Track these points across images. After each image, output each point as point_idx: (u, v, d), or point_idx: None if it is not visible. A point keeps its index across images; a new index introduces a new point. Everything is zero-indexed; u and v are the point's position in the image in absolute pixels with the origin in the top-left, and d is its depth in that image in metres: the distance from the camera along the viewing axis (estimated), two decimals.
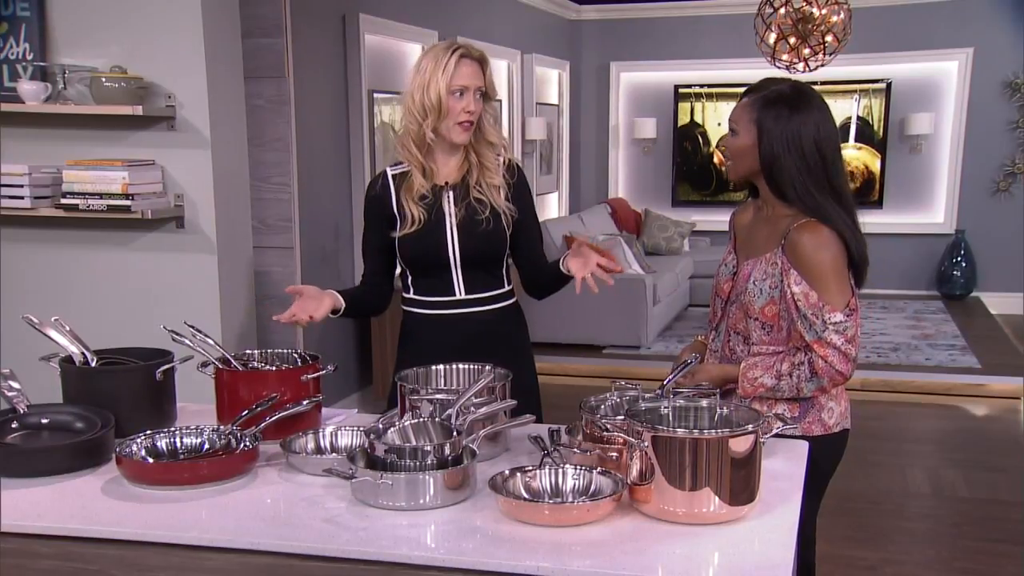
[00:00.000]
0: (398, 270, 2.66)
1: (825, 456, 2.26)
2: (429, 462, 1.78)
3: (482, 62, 2.51)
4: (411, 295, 2.62)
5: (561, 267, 2.48)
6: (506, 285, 2.63)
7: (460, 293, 2.56)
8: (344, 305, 2.48)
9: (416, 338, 2.61)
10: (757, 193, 2.33)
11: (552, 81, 8.97)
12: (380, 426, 1.91)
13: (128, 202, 3.36)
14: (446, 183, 2.55)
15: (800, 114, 2.16)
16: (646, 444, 1.69)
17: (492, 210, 2.53)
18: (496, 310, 2.60)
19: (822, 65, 6.58)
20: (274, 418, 2.08)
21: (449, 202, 2.54)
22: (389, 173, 2.60)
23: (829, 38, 6.41)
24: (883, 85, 8.81)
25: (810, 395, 2.22)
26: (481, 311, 2.58)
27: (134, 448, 1.96)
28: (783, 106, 2.17)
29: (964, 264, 8.68)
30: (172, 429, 2.06)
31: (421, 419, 1.95)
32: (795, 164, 2.16)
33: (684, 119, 9.38)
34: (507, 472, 1.79)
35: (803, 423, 2.24)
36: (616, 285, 2.42)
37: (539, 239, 2.66)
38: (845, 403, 2.33)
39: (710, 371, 2.30)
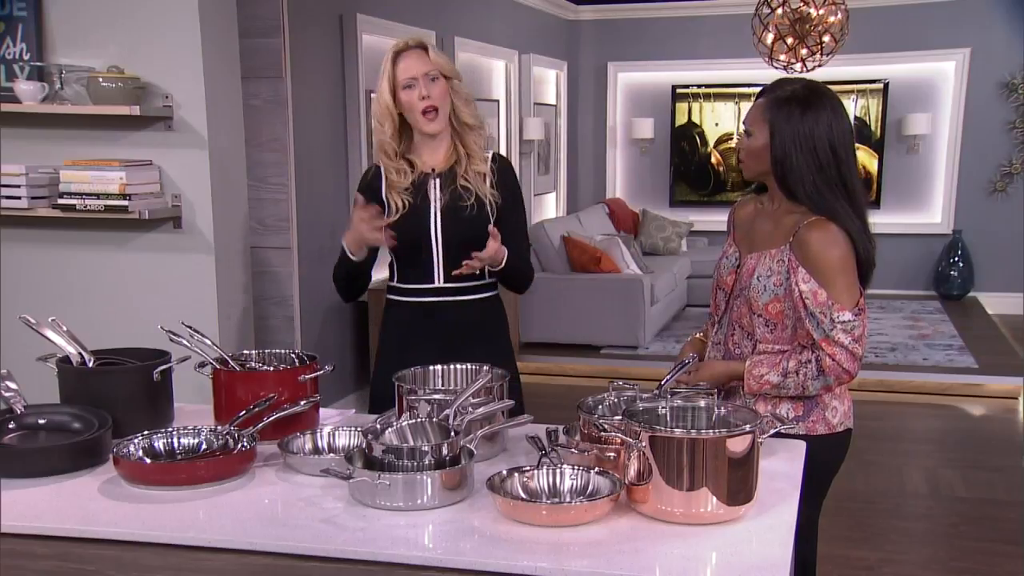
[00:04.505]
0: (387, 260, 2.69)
1: (828, 455, 2.26)
2: (427, 462, 1.78)
3: (422, 47, 2.55)
4: (394, 282, 2.66)
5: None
6: (487, 278, 2.65)
7: (439, 280, 2.58)
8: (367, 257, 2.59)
9: (395, 327, 2.65)
10: (764, 189, 2.33)
11: (550, 81, 8.97)
12: (378, 426, 1.91)
13: (125, 202, 3.36)
14: (432, 170, 2.60)
15: (812, 113, 2.15)
16: (643, 444, 1.69)
17: (477, 197, 2.57)
18: (474, 301, 2.63)
19: (819, 65, 6.57)
20: (272, 418, 2.07)
21: (435, 188, 2.58)
22: (381, 166, 2.65)
23: (826, 38, 6.40)
24: (880, 85, 8.81)
25: (815, 394, 2.22)
26: (459, 300, 2.61)
27: (131, 448, 1.96)
28: (795, 105, 2.16)
29: (961, 264, 8.69)
30: (169, 429, 2.06)
31: (419, 419, 1.95)
32: (807, 163, 2.15)
33: (682, 119, 9.38)
34: (505, 472, 1.79)
35: (807, 422, 2.24)
36: (614, 285, 2.44)
37: (521, 232, 2.67)
38: (848, 402, 2.33)
39: (714, 368, 2.29)
